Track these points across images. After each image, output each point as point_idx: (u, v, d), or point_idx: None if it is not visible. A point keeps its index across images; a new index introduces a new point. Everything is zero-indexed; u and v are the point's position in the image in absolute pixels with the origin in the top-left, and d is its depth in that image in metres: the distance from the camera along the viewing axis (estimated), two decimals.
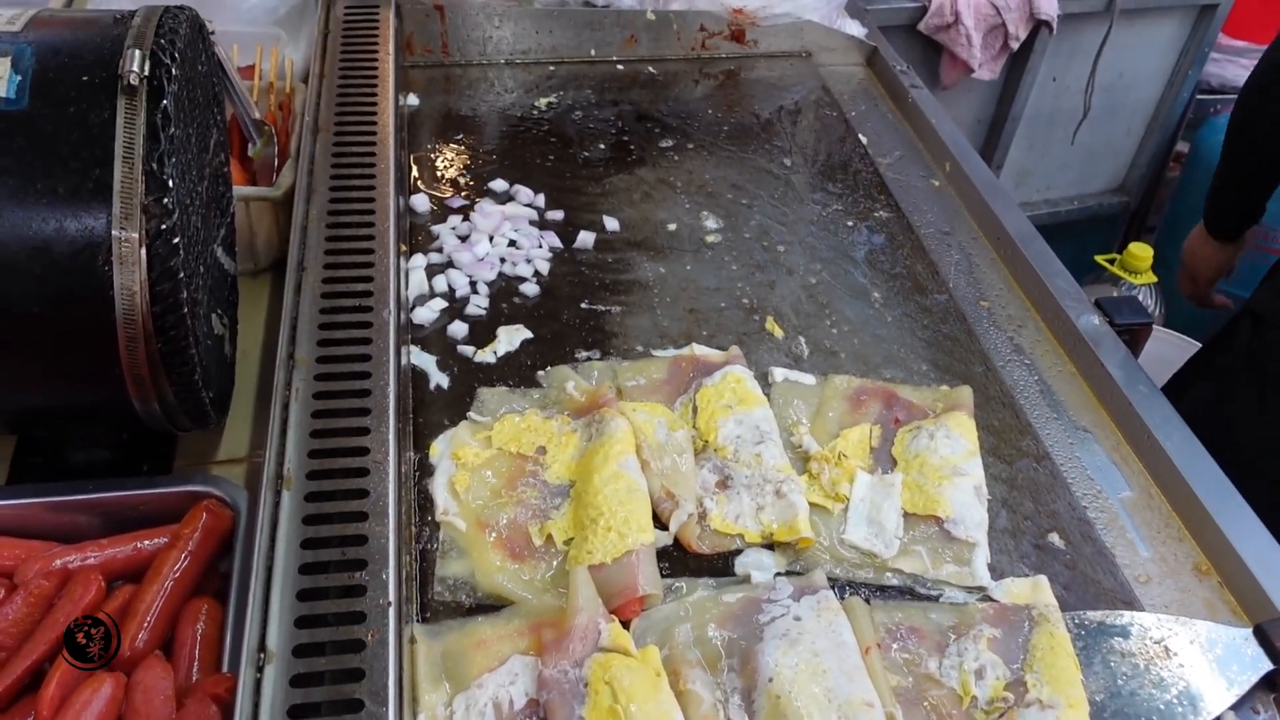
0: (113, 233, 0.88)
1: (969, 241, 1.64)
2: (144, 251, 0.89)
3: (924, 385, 1.34)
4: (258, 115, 1.41)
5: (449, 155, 1.67)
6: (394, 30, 1.72)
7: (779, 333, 1.40)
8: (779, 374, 1.32)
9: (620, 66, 1.96)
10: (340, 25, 1.69)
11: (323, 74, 1.56)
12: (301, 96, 1.48)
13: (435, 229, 1.50)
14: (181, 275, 0.91)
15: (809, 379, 1.32)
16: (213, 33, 1.38)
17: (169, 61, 0.92)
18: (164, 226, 0.89)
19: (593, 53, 1.93)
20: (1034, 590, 1.09)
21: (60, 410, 0.97)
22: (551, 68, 1.94)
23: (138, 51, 0.91)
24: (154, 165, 0.89)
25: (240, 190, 1.28)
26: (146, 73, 0.90)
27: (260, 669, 0.83)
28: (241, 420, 1.18)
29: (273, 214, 1.32)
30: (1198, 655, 1.03)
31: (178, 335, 0.93)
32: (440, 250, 1.46)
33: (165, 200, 0.89)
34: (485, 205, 1.55)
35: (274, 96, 1.51)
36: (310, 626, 0.87)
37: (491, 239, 1.49)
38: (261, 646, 0.85)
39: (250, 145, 1.40)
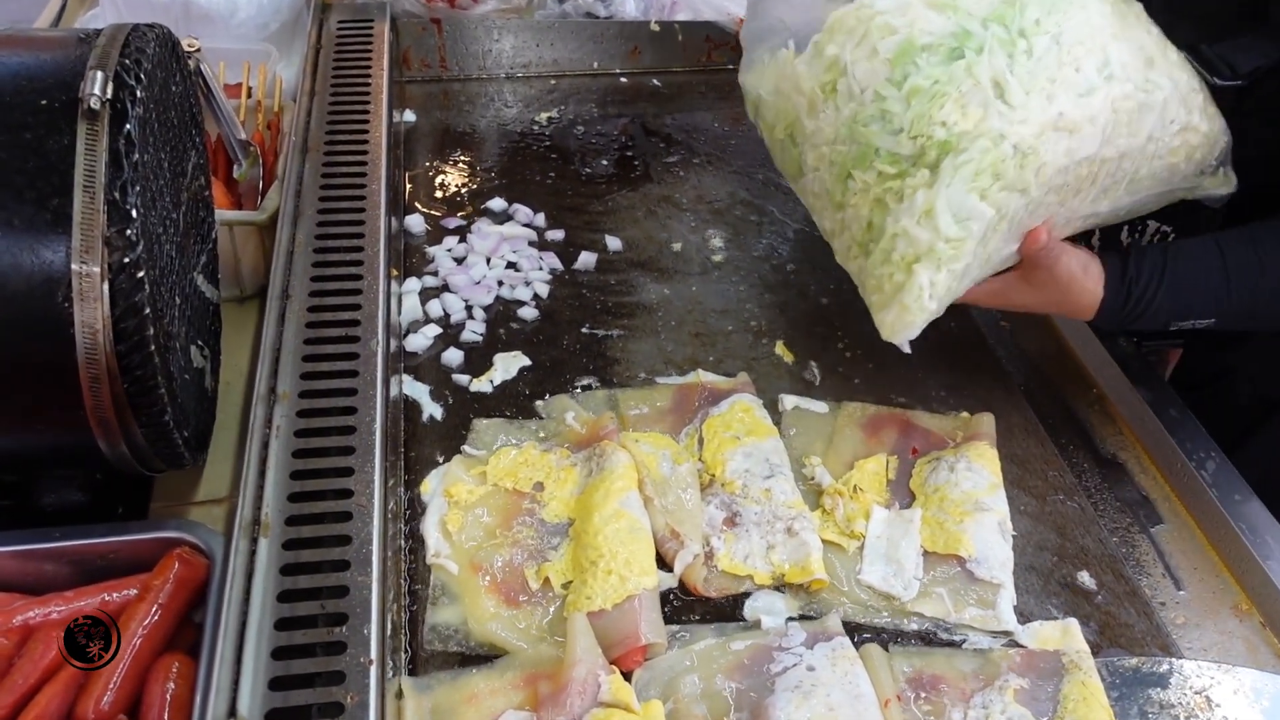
0: (72, 267, 0.82)
1: None
2: (106, 286, 0.83)
3: (943, 412, 1.27)
4: (243, 135, 1.35)
5: (446, 173, 1.62)
6: (389, 45, 1.66)
7: (789, 357, 1.34)
8: (789, 402, 1.26)
9: (624, 79, 1.91)
10: (333, 40, 1.64)
11: (313, 91, 1.50)
12: (291, 115, 1.43)
13: (430, 250, 1.45)
14: (148, 311, 0.85)
15: (821, 406, 1.26)
16: (196, 50, 1.33)
17: (134, 83, 0.87)
18: (128, 259, 0.84)
19: (595, 65, 1.88)
20: (1064, 635, 1.02)
21: (21, 454, 0.91)
22: (553, 81, 1.88)
23: (100, 73, 0.85)
24: (116, 194, 0.83)
25: (223, 214, 1.22)
26: (109, 96, 0.84)
27: None
28: (223, 457, 1.12)
29: (258, 239, 1.26)
30: (1243, 706, 0.96)
31: (145, 374, 0.87)
32: (435, 273, 1.41)
33: (129, 232, 0.83)
34: (482, 225, 1.49)
35: (262, 115, 1.46)
36: (285, 689, 0.81)
37: (489, 261, 1.44)
38: (232, 711, 0.79)
39: (236, 167, 1.35)
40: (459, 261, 1.43)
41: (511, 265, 1.44)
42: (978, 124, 1.00)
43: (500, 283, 1.40)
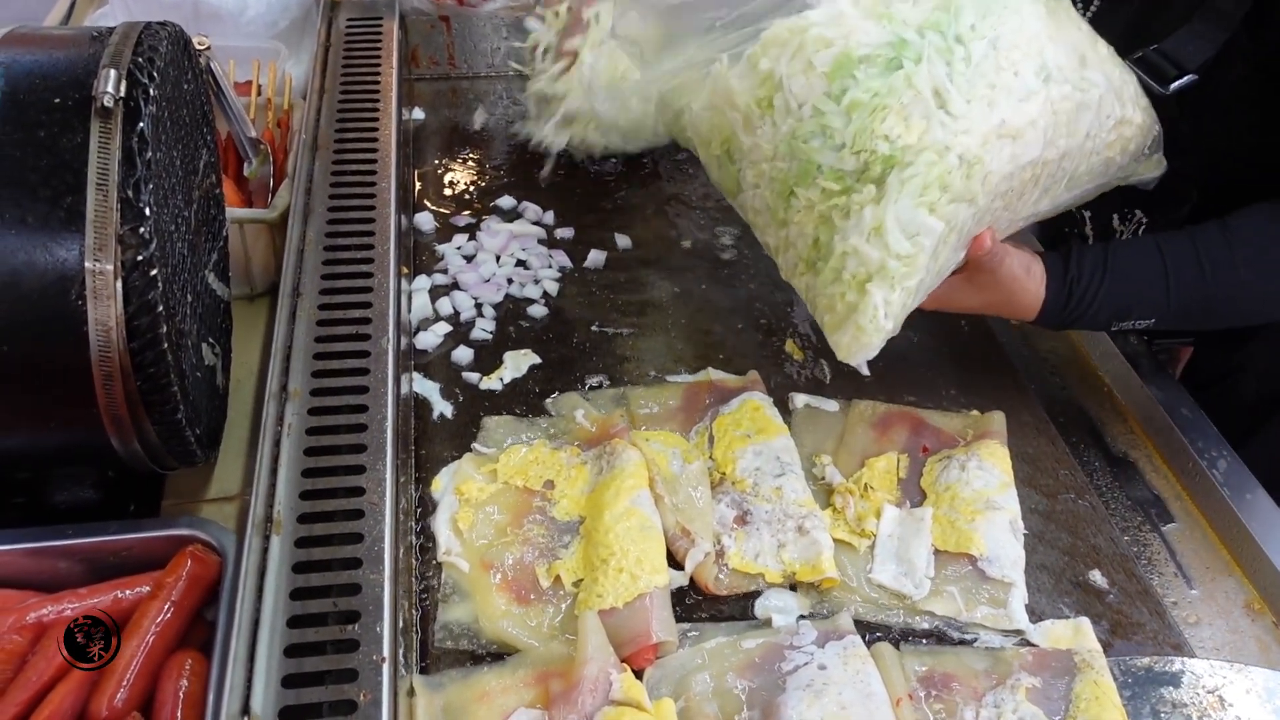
0: (86, 265, 0.82)
1: None
2: (120, 284, 0.83)
3: (953, 410, 1.27)
4: (254, 133, 1.35)
5: (455, 171, 1.62)
6: (398, 43, 1.66)
7: (799, 355, 1.34)
8: (800, 400, 1.25)
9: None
10: (342, 38, 1.64)
11: (323, 89, 1.50)
12: (300, 113, 1.43)
13: (440, 249, 1.45)
14: (161, 309, 0.85)
15: (831, 405, 1.26)
16: (207, 48, 1.34)
17: (147, 81, 0.87)
18: (141, 257, 0.84)
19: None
20: (1075, 634, 1.02)
21: (34, 452, 0.91)
22: None
23: (113, 71, 0.85)
24: (129, 192, 0.83)
25: (234, 212, 1.23)
26: (122, 94, 0.85)
27: None
28: (235, 455, 1.12)
29: (269, 236, 1.27)
30: (1256, 706, 0.96)
31: (158, 372, 0.87)
32: (445, 271, 1.41)
33: (142, 229, 0.84)
34: (492, 223, 1.49)
35: (272, 113, 1.46)
36: (298, 686, 0.81)
37: (498, 259, 1.44)
38: (245, 710, 0.79)
39: (246, 165, 1.35)
40: (469, 259, 1.43)
41: (521, 263, 1.44)
42: (921, 136, 0.98)
43: (510, 280, 1.41)
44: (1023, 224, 1.17)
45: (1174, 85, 1.16)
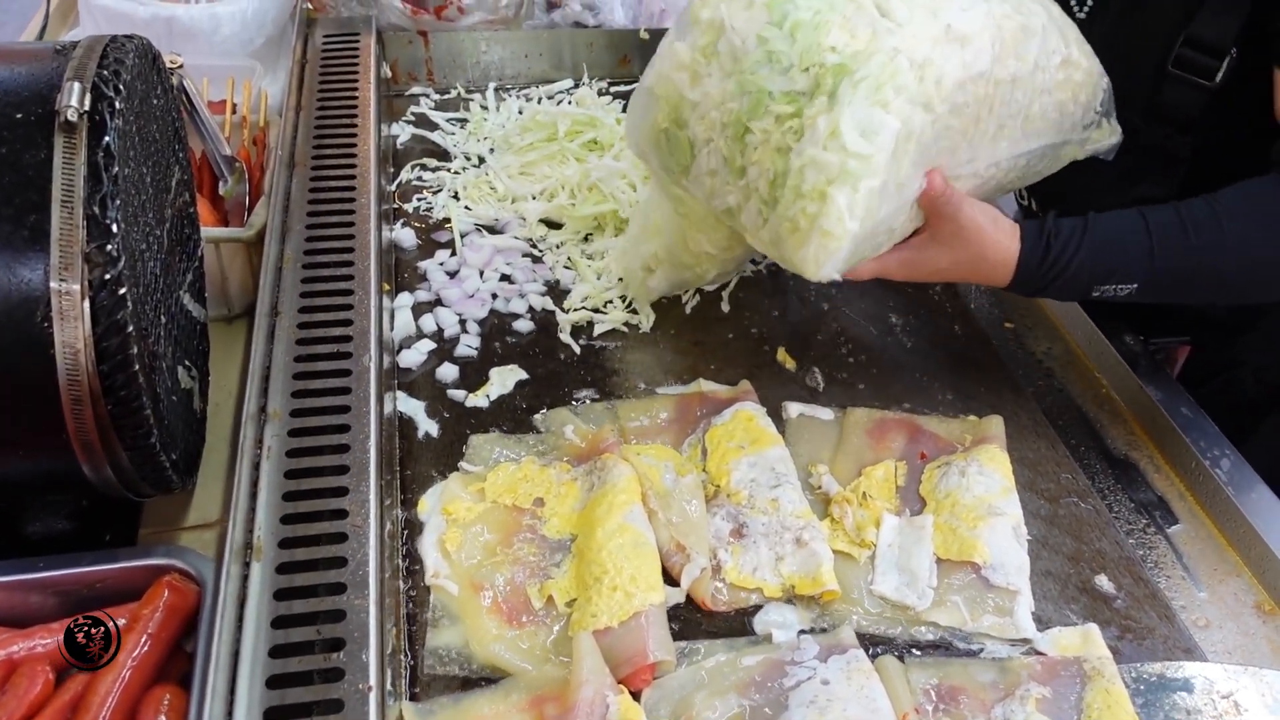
0: (51, 285, 0.79)
1: None
2: (87, 304, 0.80)
3: (950, 416, 1.24)
4: (228, 151, 1.32)
5: (437, 186, 1.59)
6: (375, 58, 1.64)
7: (791, 364, 1.31)
8: (793, 409, 1.23)
9: (614, 89, 1.88)
10: (319, 55, 1.61)
11: (299, 106, 1.48)
12: (277, 130, 1.40)
13: (422, 265, 1.42)
14: (131, 329, 0.82)
15: (826, 413, 1.23)
16: (179, 66, 1.31)
17: (112, 94, 0.84)
18: (109, 276, 0.81)
19: (585, 75, 1.85)
20: (1084, 641, 0.99)
21: (2, 480, 0.88)
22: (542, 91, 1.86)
23: (77, 84, 0.82)
24: (96, 209, 0.80)
25: (209, 232, 1.20)
26: (86, 107, 0.82)
27: None
28: (214, 481, 1.09)
29: (245, 256, 1.24)
30: (1273, 710, 0.93)
31: (129, 395, 0.84)
32: (428, 287, 1.38)
33: (109, 247, 0.80)
34: (475, 238, 1.47)
35: (247, 131, 1.43)
36: (281, 718, 0.77)
37: (482, 274, 1.41)
38: None
39: (221, 183, 1.32)
40: (452, 275, 1.40)
41: (505, 278, 1.41)
42: (869, 43, 0.99)
43: (494, 295, 1.38)
44: (984, 176, 1.13)
45: (1219, 76, 1.16)
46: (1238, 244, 1.08)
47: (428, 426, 1.19)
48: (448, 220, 1.49)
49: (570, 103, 1.74)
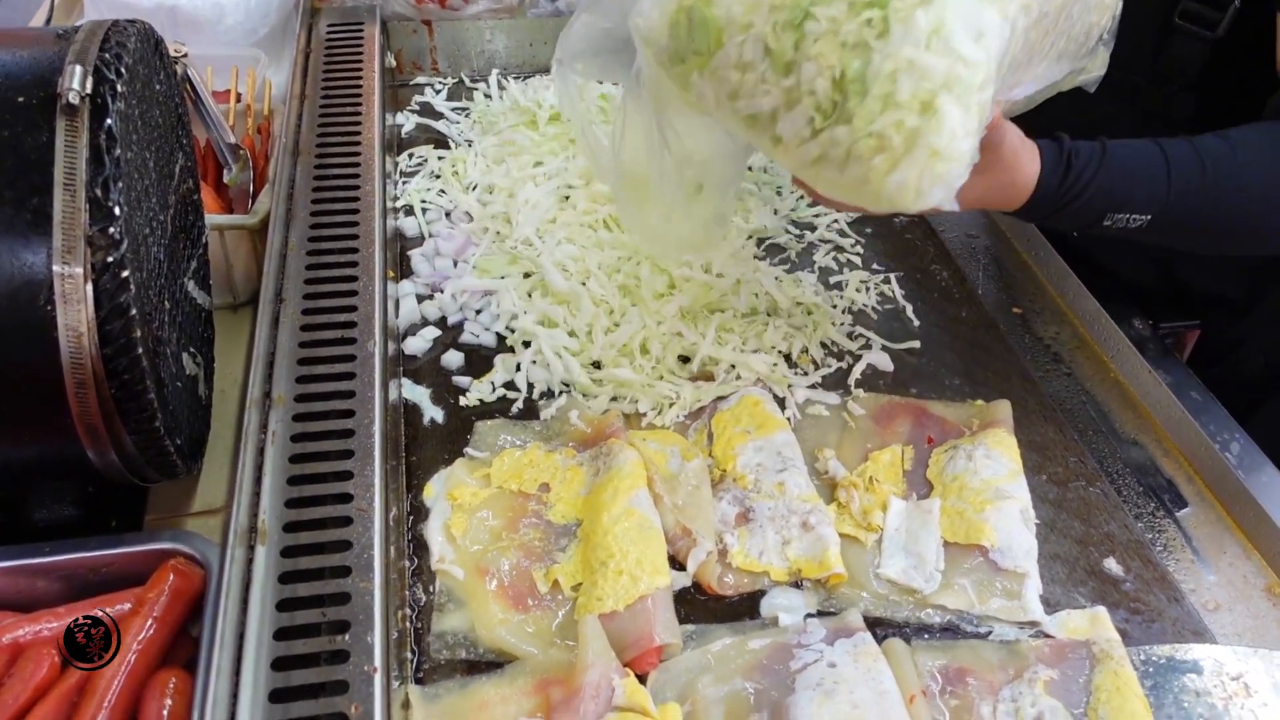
0: (54, 268, 0.79)
1: (996, 244, 1.54)
2: (90, 287, 0.80)
3: (957, 401, 1.23)
4: (233, 139, 1.32)
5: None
6: (380, 47, 1.63)
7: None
8: (799, 394, 1.22)
9: None
10: (323, 44, 1.61)
11: (304, 95, 1.47)
12: (281, 119, 1.40)
13: (427, 252, 1.41)
14: (134, 312, 0.82)
15: (832, 398, 1.22)
16: (184, 55, 1.31)
17: (114, 77, 0.84)
18: (111, 259, 0.80)
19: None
20: (1093, 624, 0.98)
21: (7, 466, 0.88)
22: (546, 80, 1.85)
23: (79, 67, 0.82)
24: (98, 191, 0.80)
25: (213, 219, 1.19)
26: (88, 90, 0.81)
27: None
28: (220, 468, 1.09)
29: (250, 243, 1.23)
30: None
31: (133, 378, 0.83)
32: (433, 275, 1.37)
33: (112, 230, 0.80)
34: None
35: (251, 120, 1.43)
36: (286, 700, 0.77)
37: (455, 263, 1.40)
38: None
39: (226, 171, 1.32)
40: (456, 263, 1.40)
41: None
42: None
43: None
44: (1006, 111, 1.06)
45: (1222, 26, 1.13)
46: (1254, 179, 1.05)
47: (433, 413, 1.19)
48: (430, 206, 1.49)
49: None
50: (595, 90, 1.65)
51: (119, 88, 0.84)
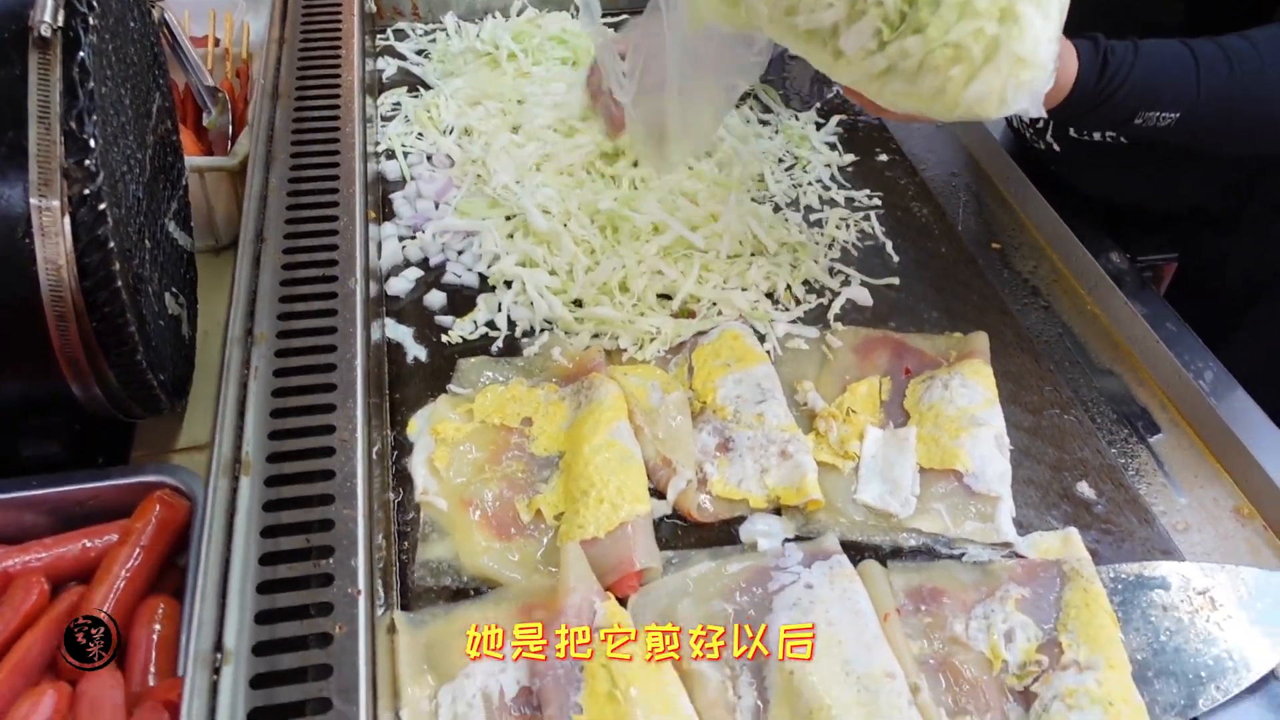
0: (31, 201, 0.80)
1: (976, 181, 1.55)
2: (67, 220, 0.81)
3: (935, 333, 1.25)
4: (211, 82, 1.32)
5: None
6: None
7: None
8: (779, 328, 1.23)
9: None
10: None
11: (282, 39, 1.46)
12: (259, 62, 1.40)
13: (409, 194, 1.41)
14: (112, 245, 0.83)
15: (811, 332, 1.24)
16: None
17: (86, 10, 0.84)
18: (88, 191, 0.81)
19: (573, 6, 1.83)
20: (1064, 544, 1.00)
21: None
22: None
23: (50, 0, 0.82)
24: (73, 124, 0.81)
25: (193, 160, 1.20)
26: (60, 23, 0.82)
27: (217, 670, 0.76)
28: (204, 406, 1.10)
29: (230, 186, 1.24)
30: (1246, 604, 0.95)
31: (113, 311, 0.84)
32: (414, 217, 1.38)
33: (87, 162, 0.81)
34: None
35: (230, 63, 1.43)
36: (272, 621, 0.79)
37: (437, 205, 1.40)
38: (218, 646, 0.77)
39: (205, 114, 1.32)
40: (437, 205, 1.40)
41: None
42: None
43: None
44: None
45: None
46: (1277, 79, 1.06)
47: (416, 351, 1.20)
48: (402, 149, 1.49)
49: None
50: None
51: (91, 21, 0.84)
